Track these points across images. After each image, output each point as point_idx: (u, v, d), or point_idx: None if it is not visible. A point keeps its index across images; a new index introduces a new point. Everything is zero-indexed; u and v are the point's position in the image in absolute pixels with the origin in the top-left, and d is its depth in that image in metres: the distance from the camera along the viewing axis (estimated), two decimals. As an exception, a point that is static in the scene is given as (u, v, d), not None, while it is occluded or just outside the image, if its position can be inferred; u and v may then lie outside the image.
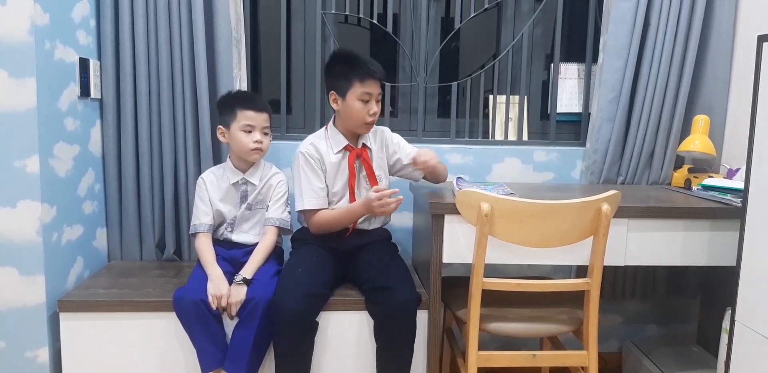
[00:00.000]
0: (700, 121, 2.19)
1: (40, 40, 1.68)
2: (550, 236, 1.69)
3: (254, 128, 1.89)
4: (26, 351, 1.75)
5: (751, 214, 1.46)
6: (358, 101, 1.88)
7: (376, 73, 1.88)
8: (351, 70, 1.87)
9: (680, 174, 2.26)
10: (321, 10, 2.33)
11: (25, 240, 1.70)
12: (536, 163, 2.40)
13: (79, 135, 1.95)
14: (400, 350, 1.75)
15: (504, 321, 1.78)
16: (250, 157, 1.93)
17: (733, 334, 1.50)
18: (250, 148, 1.90)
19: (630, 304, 2.52)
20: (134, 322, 1.78)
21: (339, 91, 1.90)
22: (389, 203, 1.79)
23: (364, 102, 1.88)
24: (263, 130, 1.92)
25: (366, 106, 1.88)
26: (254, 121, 1.89)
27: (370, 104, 1.89)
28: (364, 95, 1.87)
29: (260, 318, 1.71)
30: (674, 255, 1.83)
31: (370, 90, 1.87)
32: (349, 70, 1.88)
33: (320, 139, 1.97)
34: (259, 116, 1.90)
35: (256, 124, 1.89)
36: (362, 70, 1.87)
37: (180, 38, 2.08)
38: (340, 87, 1.89)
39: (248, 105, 1.90)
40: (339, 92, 1.90)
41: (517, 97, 2.47)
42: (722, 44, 2.26)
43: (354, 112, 1.89)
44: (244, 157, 1.94)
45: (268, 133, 1.94)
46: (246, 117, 1.89)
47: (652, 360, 2.22)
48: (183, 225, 2.18)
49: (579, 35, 2.47)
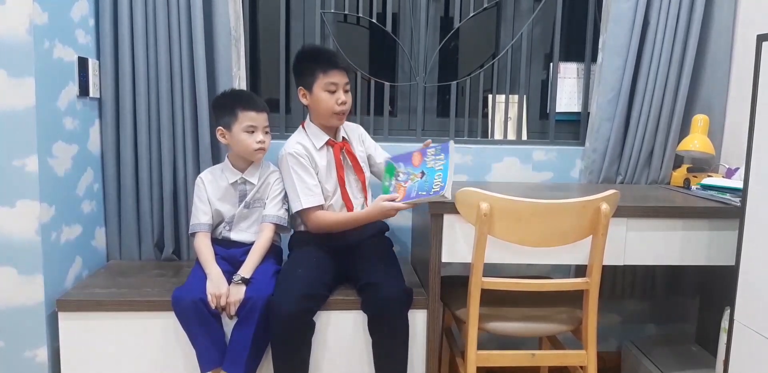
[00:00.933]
0: (699, 120, 2.19)
1: (38, 39, 1.68)
2: (549, 236, 1.69)
3: (256, 129, 1.90)
4: (25, 351, 1.74)
5: (750, 213, 1.46)
6: (324, 92, 1.91)
7: (339, 62, 1.92)
8: (314, 63, 1.92)
9: (679, 173, 2.26)
10: (320, 10, 2.33)
11: (23, 239, 1.70)
12: (535, 163, 2.40)
13: (77, 134, 1.95)
14: (393, 345, 1.76)
15: (503, 321, 1.78)
16: (254, 158, 1.94)
17: (732, 333, 1.51)
18: (254, 149, 1.90)
19: (629, 303, 2.52)
20: (133, 321, 1.78)
21: (306, 86, 1.94)
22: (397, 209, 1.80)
23: (331, 92, 1.91)
24: (264, 129, 1.92)
25: (333, 96, 1.91)
26: (256, 121, 1.89)
27: (338, 94, 1.91)
28: (330, 85, 1.90)
29: (259, 317, 1.71)
30: (673, 255, 1.83)
31: (335, 80, 1.90)
32: (312, 64, 1.92)
33: (303, 138, 1.99)
34: (260, 116, 1.91)
35: (258, 124, 1.90)
36: (323, 61, 1.92)
37: (179, 37, 2.08)
38: (306, 82, 1.93)
39: (249, 106, 1.90)
40: (306, 87, 1.94)
41: (517, 97, 2.47)
42: (721, 44, 2.26)
43: (322, 103, 1.92)
44: (248, 157, 1.94)
45: (269, 132, 1.95)
46: (248, 118, 1.89)
47: (651, 360, 2.22)
48: (182, 225, 2.18)
49: (578, 34, 2.47)
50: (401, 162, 1.89)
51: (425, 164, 1.81)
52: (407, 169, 1.85)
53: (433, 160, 1.79)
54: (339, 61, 1.93)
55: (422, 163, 1.82)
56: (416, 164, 1.83)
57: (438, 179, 1.73)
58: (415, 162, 1.84)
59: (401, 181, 1.84)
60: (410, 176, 1.83)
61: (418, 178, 1.79)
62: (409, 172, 1.84)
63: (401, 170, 1.87)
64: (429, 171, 1.78)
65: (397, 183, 1.85)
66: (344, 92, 1.93)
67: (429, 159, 1.81)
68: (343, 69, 1.92)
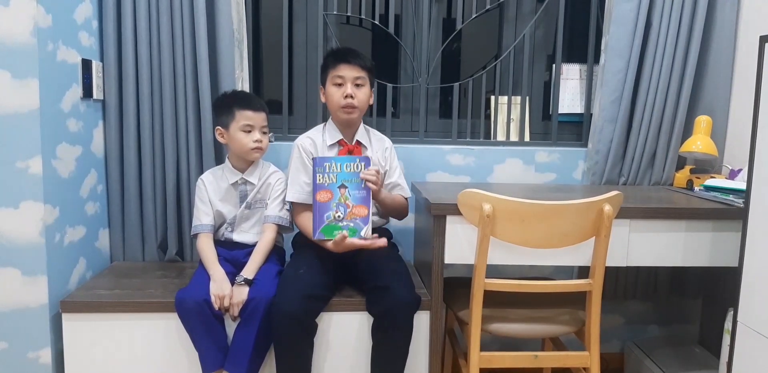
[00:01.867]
0: (702, 121, 2.19)
1: (42, 41, 1.69)
2: (551, 237, 1.69)
3: (253, 128, 1.91)
4: (28, 352, 1.75)
5: (754, 214, 1.45)
6: (332, 86, 1.93)
7: (346, 56, 1.92)
8: (328, 59, 1.96)
9: (682, 175, 2.26)
10: (323, 11, 2.33)
11: (27, 241, 1.70)
12: (538, 164, 2.40)
13: (81, 136, 1.96)
14: (396, 349, 1.75)
15: (506, 322, 1.78)
16: (250, 157, 1.94)
17: (736, 335, 1.50)
18: (251, 148, 1.91)
19: (632, 304, 2.52)
20: (136, 323, 1.79)
21: (322, 82, 1.97)
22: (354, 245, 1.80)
23: (338, 86, 1.92)
24: (262, 129, 1.93)
25: (339, 90, 1.92)
26: (253, 120, 1.90)
27: (344, 87, 1.91)
28: (337, 79, 1.91)
29: (261, 318, 1.71)
30: (676, 256, 1.83)
31: (342, 73, 1.91)
32: (327, 60, 1.96)
33: (317, 133, 2.01)
34: (257, 116, 1.91)
35: (255, 123, 1.90)
36: (333, 56, 1.95)
37: (182, 39, 2.08)
38: (323, 78, 1.97)
39: (246, 105, 1.91)
40: (322, 83, 1.97)
41: (519, 98, 2.47)
42: (724, 45, 2.25)
43: (330, 97, 1.94)
44: (244, 156, 1.94)
45: (267, 132, 1.96)
46: (245, 117, 1.90)
47: (654, 361, 2.22)
48: (185, 226, 2.19)
49: (581, 36, 2.47)
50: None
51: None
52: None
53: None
54: (349, 54, 1.92)
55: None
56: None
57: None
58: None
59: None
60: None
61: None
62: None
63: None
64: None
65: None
66: (355, 86, 1.92)
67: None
68: (355, 65, 1.91)
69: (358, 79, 1.92)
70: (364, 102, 1.95)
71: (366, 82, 1.95)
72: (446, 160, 2.36)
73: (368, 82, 1.96)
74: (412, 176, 2.32)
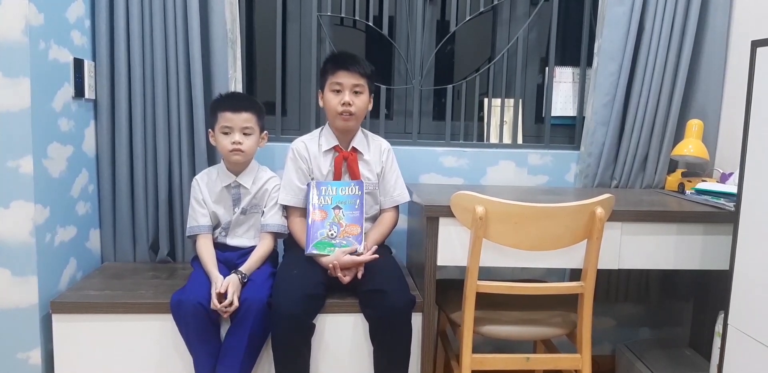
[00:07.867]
0: (693, 125, 2.20)
1: (34, 40, 1.68)
2: (544, 239, 1.69)
3: (232, 129, 1.88)
4: (18, 352, 1.73)
5: (744, 218, 1.46)
6: (330, 92, 1.92)
7: (345, 62, 1.90)
8: (327, 65, 1.95)
9: (674, 178, 2.27)
10: (317, 12, 2.33)
11: (17, 241, 1.69)
12: (531, 167, 2.41)
13: (73, 135, 1.94)
14: (396, 352, 1.75)
15: (498, 324, 1.78)
16: (231, 159, 1.92)
17: (726, 337, 1.51)
18: (228, 150, 1.89)
19: (623, 307, 2.53)
20: (127, 324, 1.77)
21: (321, 87, 1.97)
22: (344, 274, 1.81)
23: (336, 92, 1.91)
24: (243, 130, 1.89)
25: (337, 97, 1.91)
26: (232, 122, 1.87)
27: (342, 94, 1.91)
28: (334, 85, 1.91)
29: (253, 320, 1.70)
30: (667, 259, 1.83)
31: (340, 80, 1.90)
32: (326, 65, 1.95)
33: (313, 138, 2.01)
34: (237, 117, 1.87)
35: (234, 125, 1.88)
36: (333, 62, 1.93)
37: (175, 39, 2.08)
38: (321, 83, 1.97)
39: (226, 106, 1.89)
40: (321, 88, 1.97)
41: (512, 101, 2.48)
42: (716, 49, 2.27)
43: (327, 103, 1.94)
44: (226, 158, 1.94)
45: (251, 133, 1.91)
46: (224, 118, 1.88)
47: (645, 363, 2.23)
48: (177, 227, 2.18)
49: (574, 39, 2.48)
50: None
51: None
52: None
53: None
54: (348, 61, 1.90)
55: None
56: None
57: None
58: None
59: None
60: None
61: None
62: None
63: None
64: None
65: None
66: (353, 93, 1.91)
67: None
68: (355, 72, 1.89)
69: (357, 86, 1.91)
70: (362, 109, 1.94)
71: (365, 89, 1.93)
72: (439, 162, 2.36)
73: (367, 90, 1.94)
74: (405, 178, 2.30)
